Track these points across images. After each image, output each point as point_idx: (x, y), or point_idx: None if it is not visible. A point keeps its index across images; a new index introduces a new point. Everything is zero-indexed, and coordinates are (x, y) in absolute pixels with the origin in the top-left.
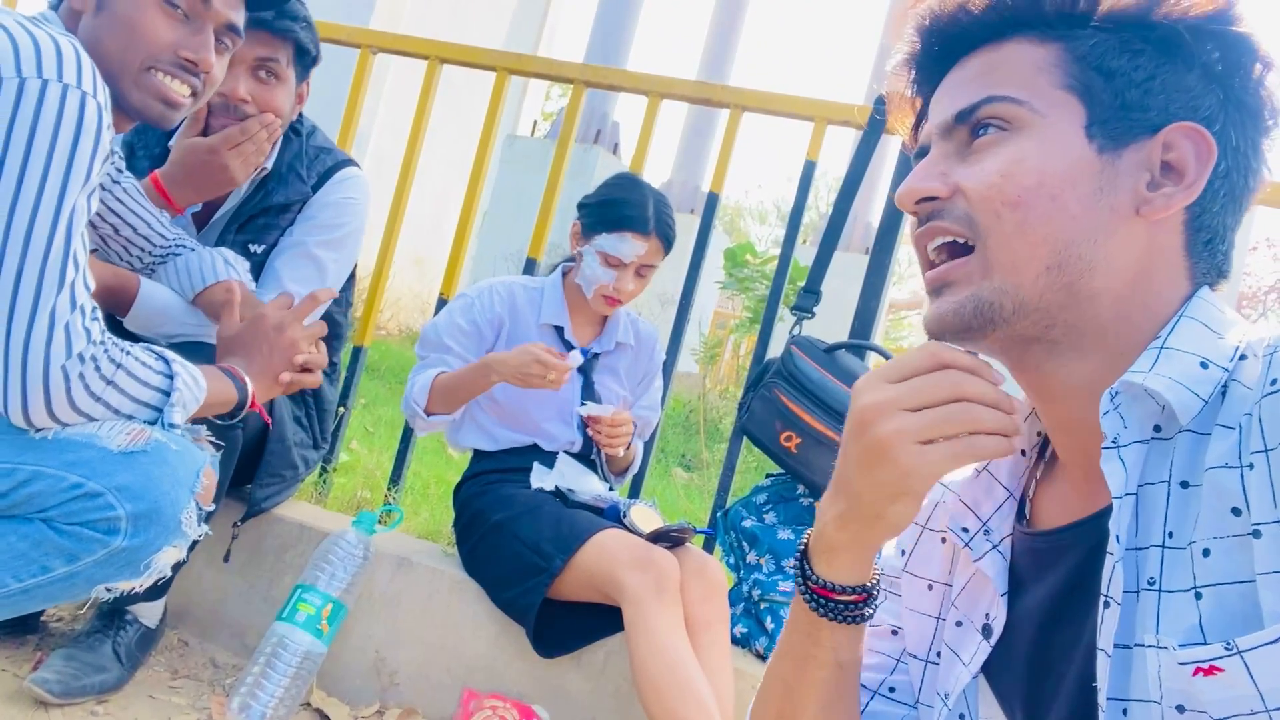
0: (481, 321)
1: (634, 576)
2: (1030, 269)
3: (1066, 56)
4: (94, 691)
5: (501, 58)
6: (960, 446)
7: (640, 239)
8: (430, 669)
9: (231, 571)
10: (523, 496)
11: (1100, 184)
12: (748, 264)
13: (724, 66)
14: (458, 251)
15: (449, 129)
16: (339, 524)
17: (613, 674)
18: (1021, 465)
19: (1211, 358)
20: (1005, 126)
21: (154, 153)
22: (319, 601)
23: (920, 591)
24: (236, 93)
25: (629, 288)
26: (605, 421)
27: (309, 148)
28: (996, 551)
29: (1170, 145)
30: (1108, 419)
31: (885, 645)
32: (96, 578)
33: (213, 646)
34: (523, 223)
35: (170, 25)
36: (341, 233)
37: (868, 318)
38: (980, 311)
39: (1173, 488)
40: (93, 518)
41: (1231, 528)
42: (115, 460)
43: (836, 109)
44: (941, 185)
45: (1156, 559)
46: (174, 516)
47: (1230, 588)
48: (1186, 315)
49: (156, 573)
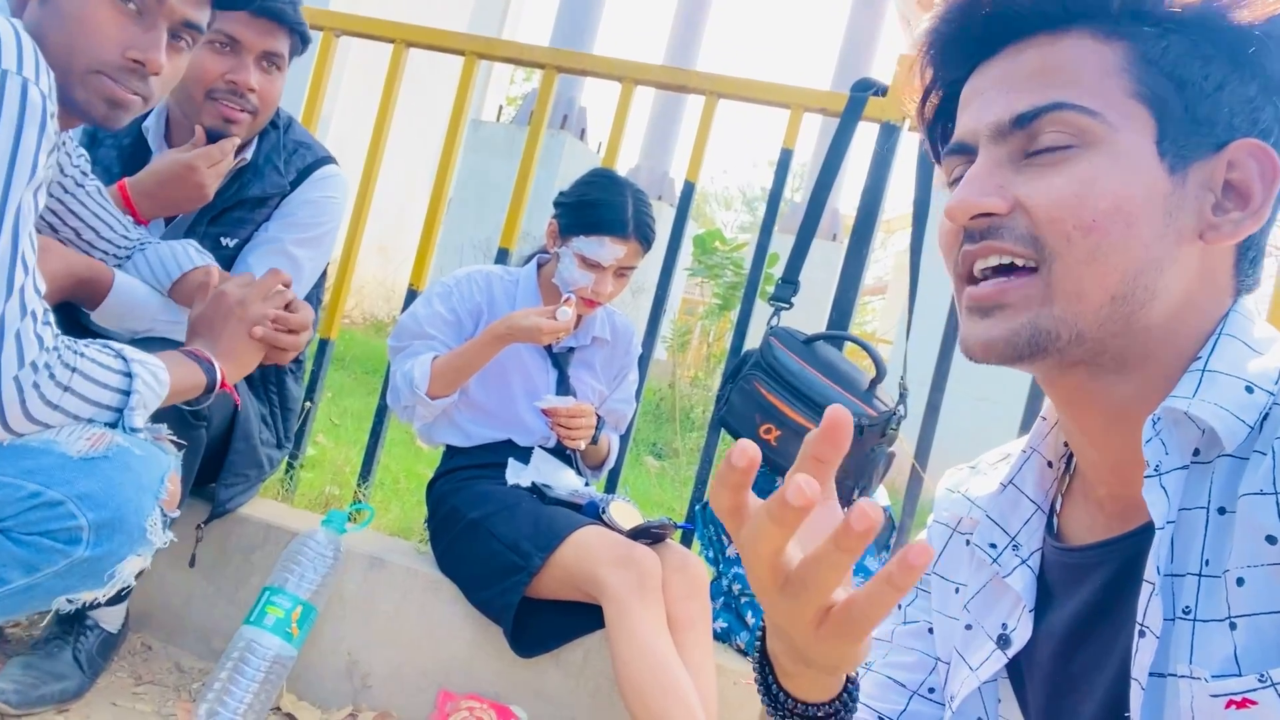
0: (462, 310)
1: (615, 575)
2: (1095, 299)
3: (1136, 59)
4: (54, 700)
5: (470, 41)
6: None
7: (619, 242)
8: (405, 670)
9: (196, 573)
10: (499, 493)
11: (1170, 207)
12: (717, 251)
13: (691, 49)
14: (427, 241)
15: (411, 113)
16: (307, 523)
17: (592, 673)
18: (1049, 478)
19: (1257, 381)
20: (1074, 139)
21: (122, 143)
22: (288, 604)
23: (948, 594)
24: (248, 82)
25: (607, 289)
26: (562, 413)
27: (287, 141)
28: (1026, 566)
29: (1235, 164)
30: (1150, 446)
31: (921, 643)
32: (57, 589)
33: (177, 650)
34: (488, 209)
35: (120, 23)
36: (319, 231)
37: (846, 307)
38: (1036, 341)
39: (1211, 514)
40: (53, 527)
41: (1265, 556)
42: (76, 467)
43: (812, 96)
44: (1001, 201)
45: (1193, 587)
46: (138, 524)
47: (1266, 618)
48: (1226, 333)
49: (120, 582)
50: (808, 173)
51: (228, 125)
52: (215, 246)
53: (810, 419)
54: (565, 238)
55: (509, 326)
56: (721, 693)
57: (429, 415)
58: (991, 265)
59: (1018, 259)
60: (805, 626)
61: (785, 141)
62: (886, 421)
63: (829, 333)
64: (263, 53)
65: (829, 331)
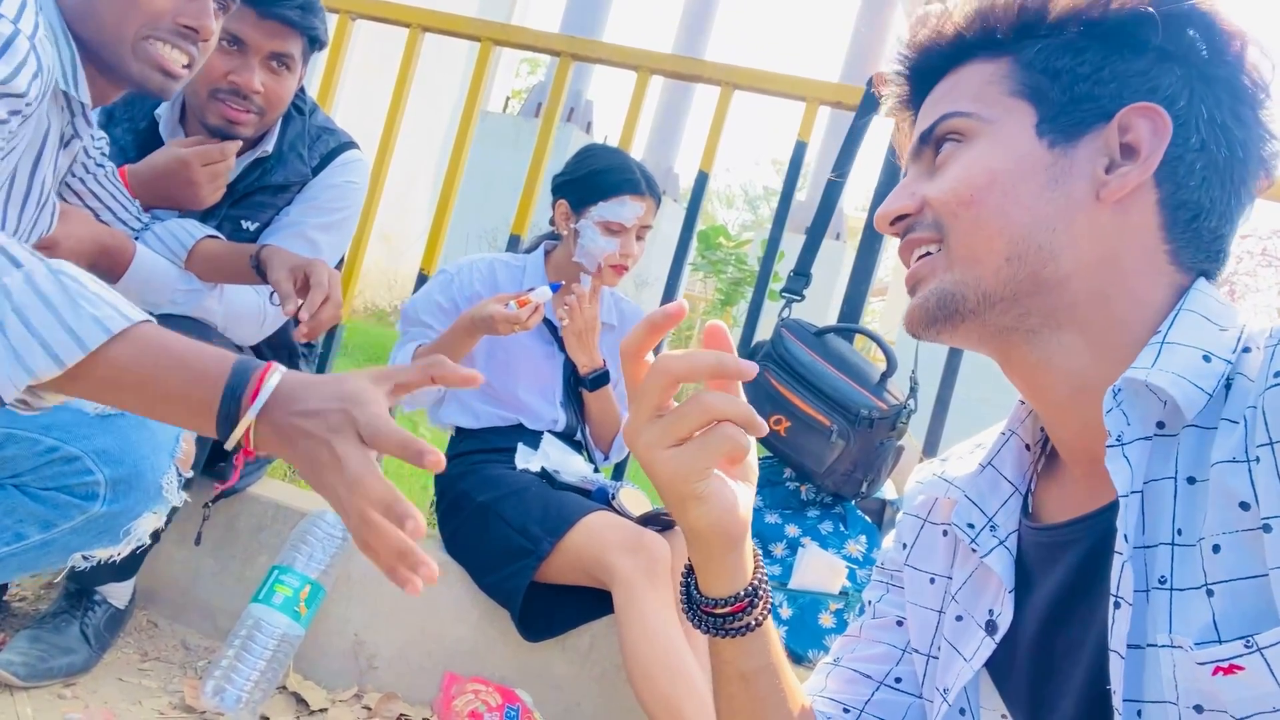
0: (460, 299)
1: (625, 560)
2: (990, 260)
3: (1015, 66)
4: (61, 674)
5: (486, 27)
6: (711, 439)
7: (638, 199)
8: (410, 652)
9: (204, 551)
10: (509, 478)
11: (1054, 175)
12: (720, 247)
13: (701, 39)
14: (439, 226)
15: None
16: (315, 503)
17: (598, 658)
18: (1026, 460)
19: (1214, 350)
20: (960, 138)
21: (138, 126)
22: (296, 583)
23: (922, 585)
24: (251, 84)
25: (635, 251)
26: (578, 295)
27: (311, 127)
28: (1004, 547)
29: (1126, 127)
30: (1111, 417)
31: (890, 636)
32: (73, 545)
33: (184, 628)
34: (493, 201)
35: None
36: (340, 216)
37: (857, 301)
38: (944, 303)
39: (1179, 484)
40: (70, 482)
41: (1241, 522)
42: (93, 423)
43: (828, 89)
44: (911, 202)
45: (1166, 557)
46: (154, 481)
47: (1243, 583)
48: (1185, 308)
49: (135, 540)
50: (813, 170)
51: (231, 126)
52: (235, 229)
53: (821, 410)
54: (580, 212)
55: (470, 317)
56: None
57: (415, 404)
58: (917, 257)
59: (930, 245)
60: (658, 450)
61: (800, 134)
62: (897, 415)
63: (840, 325)
64: (270, 53)
65: (840, 324)
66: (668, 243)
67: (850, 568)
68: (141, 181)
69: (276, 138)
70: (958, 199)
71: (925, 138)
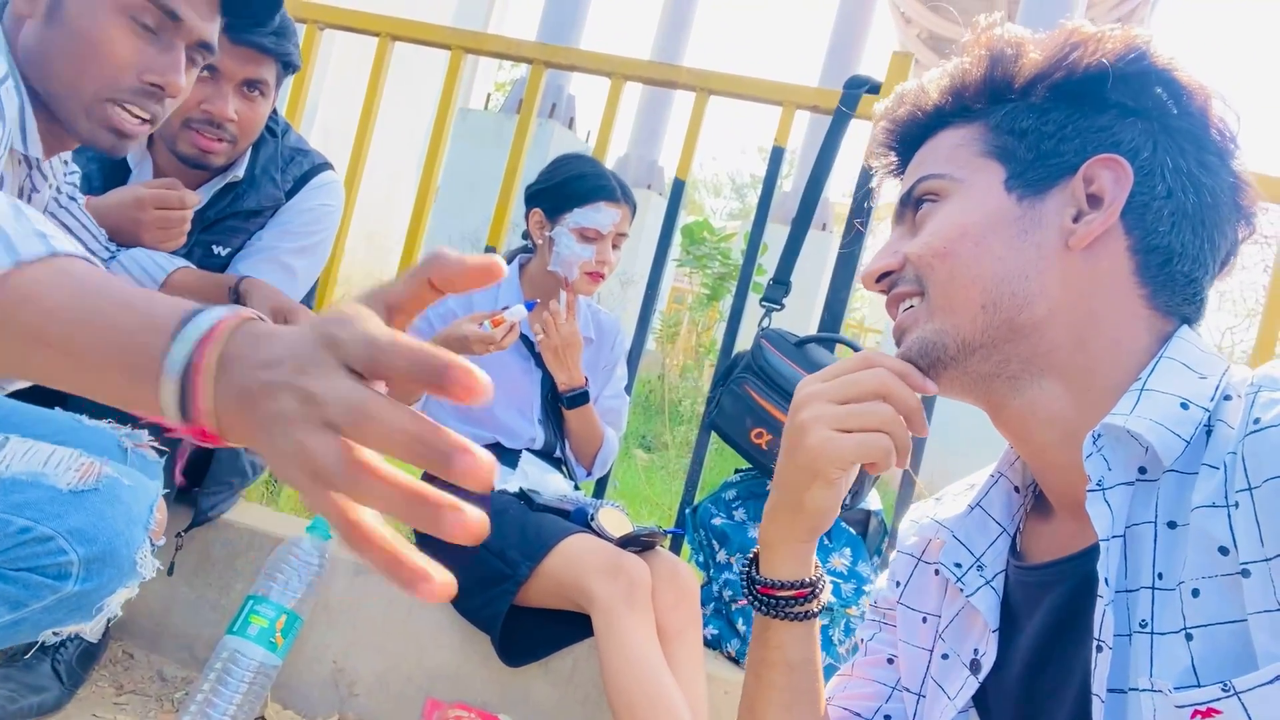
0: (434, 317)
1: (604, 585)
2: (967, 309)
3: (984, 129)
4: (32, 714)
5: (457, 35)
6: (869, 439)
7: (614, 206)
8: (391, 679)
9: (178, 580)
10: (485, 499)
11: (1023, 226)
12: (705, 241)
13: (681, 34)
14: (414, 238)
15: (398, 100)
16: (292, 528)
17: (581, 681)
18: (1016, 502)
19: (1192, 398)
20: (935, 198)
21: (104, 157)
22: (272, 613)
23: (915, 624)
24: (225, 113)
25: (611, 259)
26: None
27: (284, 149)
28: (990, 587)
29: (1090, 178)
30: (1091, 461)
31: (880, 673)
32: (44, 623)
33: (159, 659)
34: (477, 200)
35: (135, 46)
36: (314, 239)
37: (837, 309)
38: (926, 351)
39: (1160, 528)
40: (43, 563)
41: (1220, 567)
42: (66, 500)
43: (805, 93)
44: (894, 260)
45: (1147, 600)
46: (128, 557)
47: (1222, 628)
48: (1166, 355)
49: (108, 614)
50: (797, 160)
51: (203, 155)
52: (206, 254)
53: None
54: (555, 220)
55: (444, 337)
56: (712, 702)
57: None
58: (902, 309)
59: (913, 298)
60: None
61: (777, 139)
62: None
63: (821, 335)
64: (244, 80)
65: (821, 334)
66: (653, 240)
67: (834, 582)
68: (98, 215)
69: (248, 162)
70: (933, 252)
71: (905, 200)
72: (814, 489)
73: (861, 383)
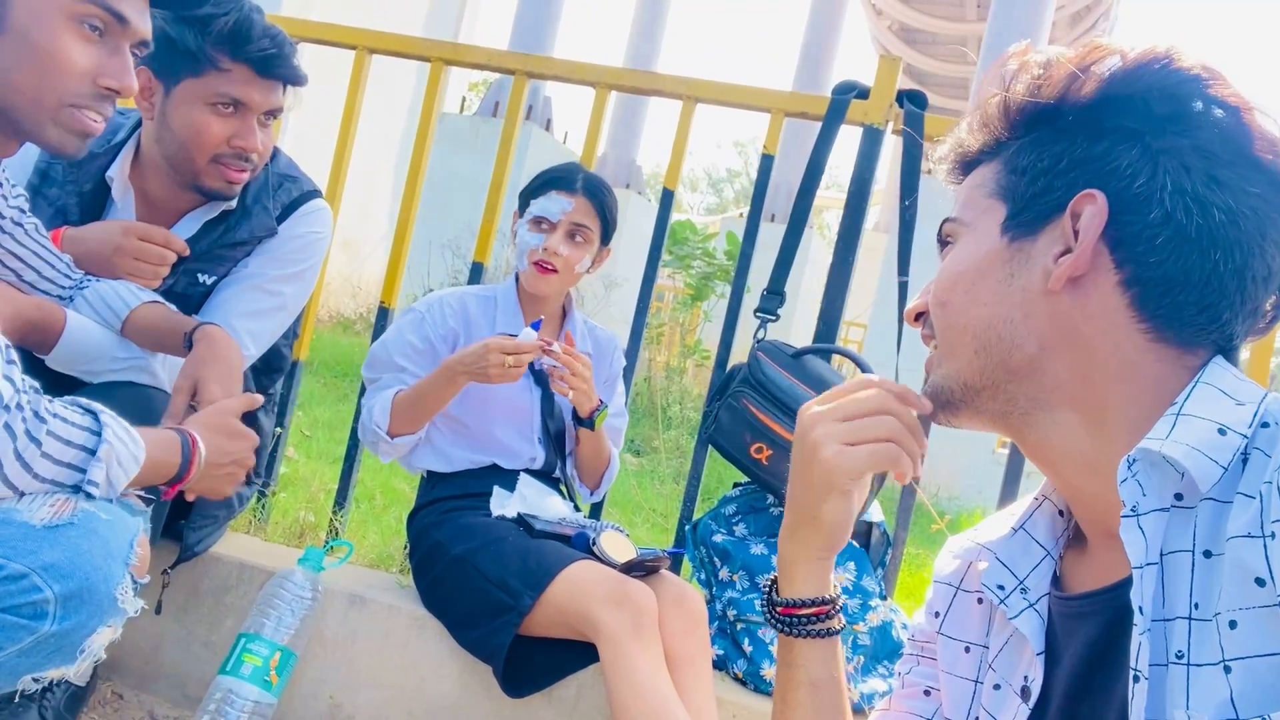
0: (434, 336)
1: (610, 614)
2: (963, 354)
3: (1000, 168)
4: None
5: (436, 47)
6: (880, 448)
7: (566, 195)
8: (389, 712)
9: (168, 617)
10: (483, 526)
11: (1011, 270)
12: (687, 241)
13: (655, 32)
14: (397, 257)
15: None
16: (282, 559)
17: (586, 709)
18: (1059, 526)
19: (1229, 424)
20: (950, 241)
21: (83, 189)
22: (265, 651)
23: (957, 654)
24: (255, 147)
25: (560, 249)
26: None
27: (274, 175)
28: (1033, 610)
29: (1077, 213)
30: (1125, 486)
31: (917, 705)
32: (22, 668)
33: (150, 698)
34: (454, 205)
35: (88, 51)
36: (303, 267)
37: (832, 320)
38: (937, 395)
39: (1196, 557)
40: (16, 602)
41: (1257, 599)
42: (39, 536)
43: (793, 99)
44: (923, 300)
45: (1184, 631)
46: (108, 594)
47: (1260, 660)
48: (1202, 381)
49: (91, 657)
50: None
51: (230, 186)
52: (192, 283)
53: None
54: (521, 215)
55: (461, 364)
56: None
57: (395, 453)
58: (931, 349)
59: (932, 341)
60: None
61: (766, 146)
62: None
63: (817, 346)
64: (265, 111)
65: (817, 345)
66: (634, 239)
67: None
68: (75, 243)
69: (240, 189)
70: (935, 300)
71: (939, 240)
72: (829, 502)
73: (862, 401)
